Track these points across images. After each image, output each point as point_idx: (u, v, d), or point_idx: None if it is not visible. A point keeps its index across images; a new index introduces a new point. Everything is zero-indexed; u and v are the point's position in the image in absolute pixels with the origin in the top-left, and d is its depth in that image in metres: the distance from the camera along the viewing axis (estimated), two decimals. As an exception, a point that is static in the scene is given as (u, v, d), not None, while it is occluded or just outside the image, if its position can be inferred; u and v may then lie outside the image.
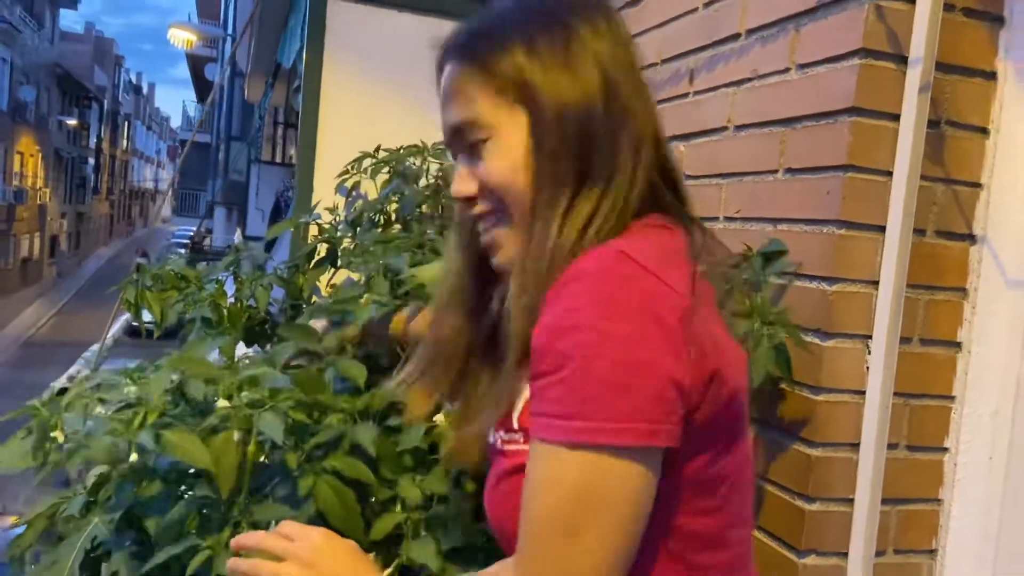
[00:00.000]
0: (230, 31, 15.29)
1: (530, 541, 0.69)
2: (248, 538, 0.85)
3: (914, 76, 1.24)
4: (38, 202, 28.72)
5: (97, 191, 40.39)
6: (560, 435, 0.66)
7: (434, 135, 1.11)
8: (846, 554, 1.30)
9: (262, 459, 1.36)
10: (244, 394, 1.30)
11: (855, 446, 1.29)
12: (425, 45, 0.90)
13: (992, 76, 1.31)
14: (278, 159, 13.71)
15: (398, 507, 1.33)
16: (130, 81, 48.98)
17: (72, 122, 33.24)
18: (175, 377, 1.41)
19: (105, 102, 39.42)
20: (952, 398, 1.34)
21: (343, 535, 0.87)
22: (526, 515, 0.69)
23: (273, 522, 1.17)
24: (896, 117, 1.26)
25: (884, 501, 1.30)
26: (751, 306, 1.27)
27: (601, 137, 0.77)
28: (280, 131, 13.35)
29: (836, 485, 1.29)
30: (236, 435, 1.24)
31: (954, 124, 1.30)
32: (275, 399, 1.29)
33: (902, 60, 1.26)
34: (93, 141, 37.99)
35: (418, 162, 2.13)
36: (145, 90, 57.08)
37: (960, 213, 1.32)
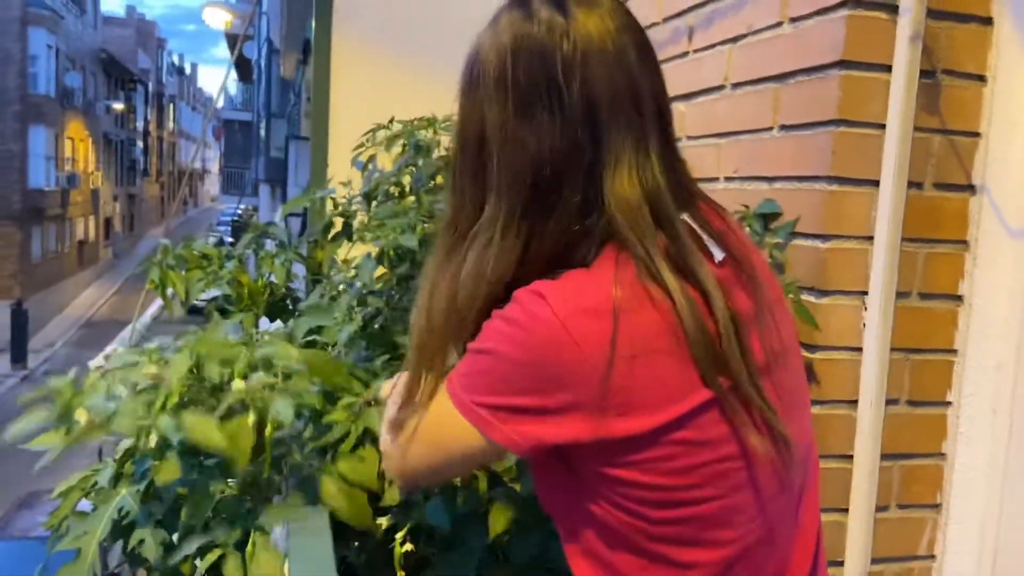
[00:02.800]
0: (265, 8, 15.38)
1: (408, 422, 0.87)
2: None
3: (904, 25, 1.21)
4: (91, 186, 29.45)
5: (147, 173, 41.24)
6: (452, 386, 0.83)
7: (443, 105, 1.11)
8: (848, 510, 1.30)
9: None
10: (258, 374, 1.34)
11: (854, 403, 1.29)
12: (431, 14, 0.94)
13: (988, 21, 1.27)
14: (315, 134, 13.83)
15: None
16: (173, 63, 49.65)
17: (119, 106, 33.88)
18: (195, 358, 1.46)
19: (150, 84, 40.08)
20: (954, 352, 1.33)
21: (352, 528, 0.94)
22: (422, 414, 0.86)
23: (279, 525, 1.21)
24: (888, 68, 1.24)
25: (886, 457, 1.30)
26: None
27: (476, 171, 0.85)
28: (316, 106, 13.46)
29: (836, 442, 1.29)
30: (251, 418, 1.29)
31: (950, 73, 1.27)
32: (288, 382, 1.33)
33: (893, 9, 1.23)
34: (140, 124, 38.71)
35: (430, 134, 2.14)
36: (188, 71, 57.84)
37: (959, 164, 1.29)
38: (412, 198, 2.16)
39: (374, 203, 2.15)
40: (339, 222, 2.10)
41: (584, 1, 0.81)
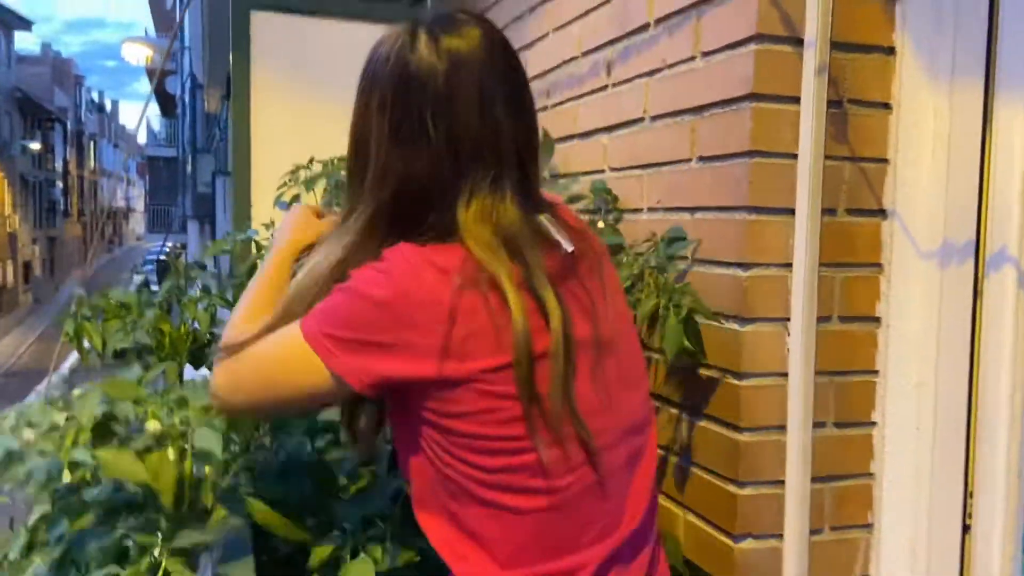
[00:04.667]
0: (187, 43, 15.11)
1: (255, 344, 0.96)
2: None
3: (810, 57, 1.24)
4: (7, 229, 28.36)
5: (67, 214, 39.92)
6: (304, 319, 0.93)
7: None
8: (782, 535, 1.31)
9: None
10: (177, 414, 1.29)
11: (782, 428, 1.31)
12: (350, 51, 1.00)
13: (891, 51, 1.32)
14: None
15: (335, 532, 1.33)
16: (92, 100, 48.37)
17: (35, 146, 32.80)
18: (103, 402, 1.40)
19: (68, 123, 38.93)
20: (876, 372, 1.36)
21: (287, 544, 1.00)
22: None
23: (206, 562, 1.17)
24: (797, 100, 1.27)
25: (817, 479, 1.31)
26: (655, 286, 1.32)
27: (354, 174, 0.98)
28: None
29: (767, 468, 1.30)
30: (171, 453, 1.24)
31: (856, 102, 1.31)
32: (208, 415, 1.28)
33: (799, 43, 1.26)
34: (59, 163, 37.52)
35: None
36: (109, 108, 56.41)
37: (869, 190, 1.33)
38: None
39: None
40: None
41: (460, 43, 0.91)
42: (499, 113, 0.91)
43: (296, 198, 2.27)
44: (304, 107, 2.36)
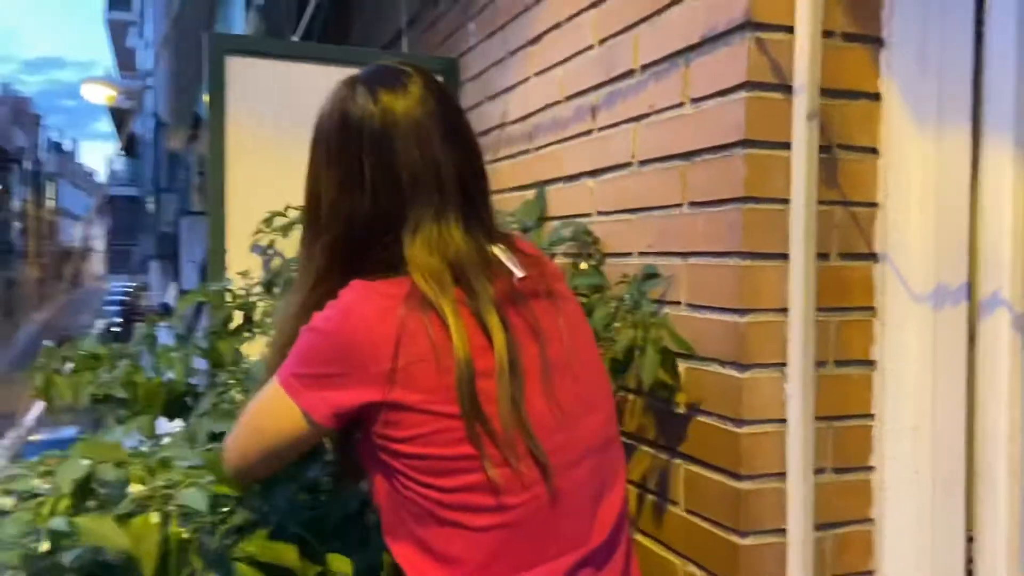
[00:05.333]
0: (150, 83, 15.04)
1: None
2: None
3: (800, 104, 1.25)
4: (-37, 271, 27.70)
5: (25, 255, 39.16)
6: (280, 369, 1.00)
7: None
8: (784, 585, 1.29)
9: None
10: (160, 477, 1.24)
11: (782, 475, 1.29)
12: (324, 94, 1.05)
13: (876, 97, 1.33)
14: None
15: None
16: (51, 140, 47.76)
17: (-7, 186, 32.23)
18: (85, 464, 1.34)
19: (26, 163, 38.33)
20: (871, 416, 1.35)
21: None
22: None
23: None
24: (787, 145, 1.27)
25: (817, 527, 1.29)
26: (632, 322, 1.36)
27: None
28: (208, 180, 13.15)
29: (768, 516, 1.28)
30: (155, 517, 1.18)
31: (845, 147, 1.32)
32: (193, 476, 1.23)
33: (788, 89, 1.27)
34: (17, 204, 36.86)
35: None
36: (68, 147, 55.73)
37: (860, 234, 1.34)
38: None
39: (275, 291, 2.06)
40: (239, 315, 2.01)
41: (395, 90, 0.99)
42: (436, 148, 0.98)
43: (272, 244, 2.24)
44: (280, 152, 2.33)
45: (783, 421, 1.29)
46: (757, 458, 1.28)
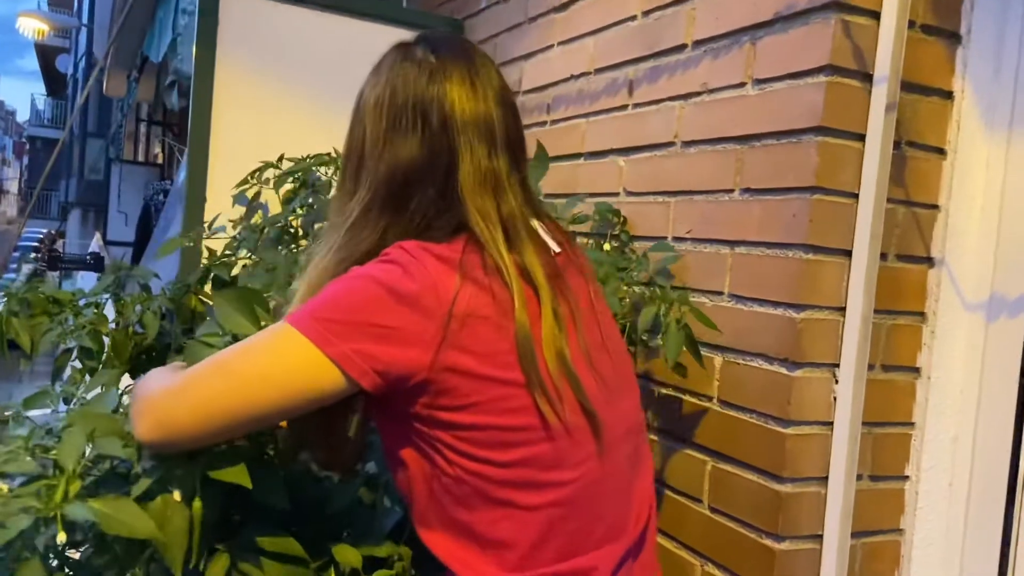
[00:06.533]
0: (85, 20, 14.26)
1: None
2: None
3: (880, 94, 1.19)
4: None
5: (-69, 190, 36.92)
6: (291, 315, 0.90)
7: (333, 140, 1.05)
8: (814, 592, 1.24)
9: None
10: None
11: (823, 480, 1.24)
12: (331, 46, 0.96)
13: (949, 95, 1.28)
14: (141, 158, 12.88)
15: (332, 572, 1.17)
16: (-32, 71, 45.05)
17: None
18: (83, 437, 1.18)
19: (-61, 93, 36.07)
20: (912, 424, 1.31)
21: None
22: None
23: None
24: (860, 137, 1.22)
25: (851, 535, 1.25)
26: (652, 296, 1.32)
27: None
28: (144, 128, 12.55)
29: (806, 522, 1.23)
30: (178, 494, 1.04)
31: (913, 144, 1.27)
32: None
33: (867, 78, 1.21)
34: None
35: (329, 172, 1.95)
36: (-14, 81, 52.63)
37: (919, 236, 1.29)
38: (305, 242, 1.96)
39: (259, 245, 1.92)
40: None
41: (453, 50, 0.97)
42: (492, 103, 0.94)
43: (257, 196, 2.09)
44: (271, 103, 2.18)
45: (828, 424, 1.24)
46: (801, 460, 1.23)
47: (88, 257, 8.18)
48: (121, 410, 1.24)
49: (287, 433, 1.05)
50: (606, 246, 1.57)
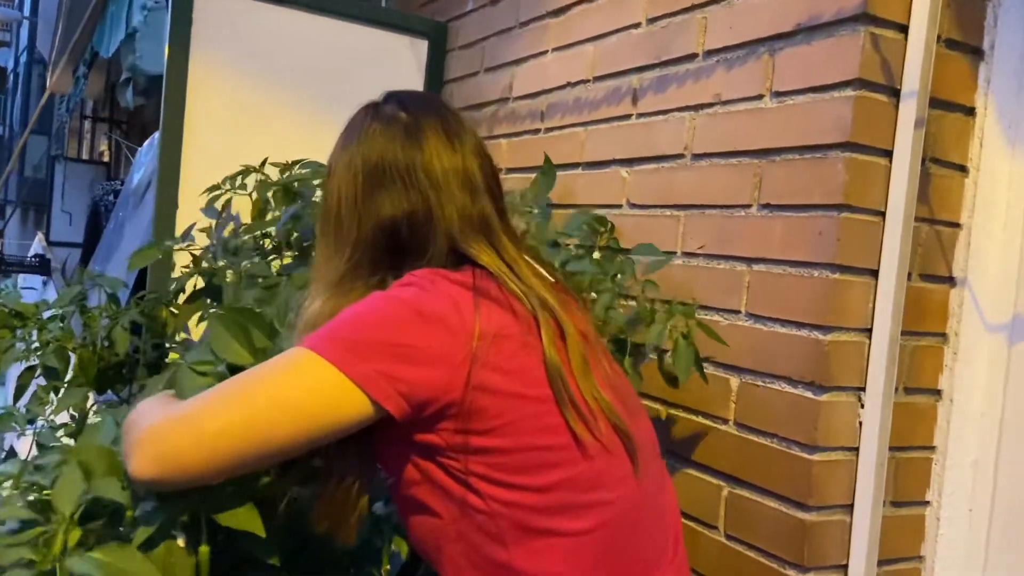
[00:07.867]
0: (26, 13, 13.77)
1: None
2: None
3: (908, 109, 1.16)
4: None
5: None
6: (305, 341, 0.84)
7: (325, 149, 0.99)
8: (836, 623, 1.20)
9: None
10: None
11: (847, 507, 1.20)
12: (309, 46, 0.91)
13: (971, 112, 1.26)
14: (86, 156, 12.47)
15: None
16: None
17: None
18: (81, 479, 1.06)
19: None
20: (933, 448, 1.28)
21: None
22: None
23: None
24: (886, 153, 1.18)
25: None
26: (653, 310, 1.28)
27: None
28: (89, 125, 12.15)
29: (831, 551, 1.19)
30: (181, 540, 0.94)
31: (936, 161, 1.24)
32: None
33: (894, 92, 1.17)
34: None
35: (318, 182, 1.86)
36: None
37: (942, 255, 1.26)
38: (289, 255, 1.86)
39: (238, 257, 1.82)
40: (191, 284, 1.76)
41: (422, 104, 0.98)
42: (469, 155, 0.94)
43: (228, 203, 1.98)
44: (246, 107, 2.08)
45: (853, 449, 1.20)
46: (827, 488, 1.18)
47: (32, 258, 7.85)
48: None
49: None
50: (595, 255, 1.52)
